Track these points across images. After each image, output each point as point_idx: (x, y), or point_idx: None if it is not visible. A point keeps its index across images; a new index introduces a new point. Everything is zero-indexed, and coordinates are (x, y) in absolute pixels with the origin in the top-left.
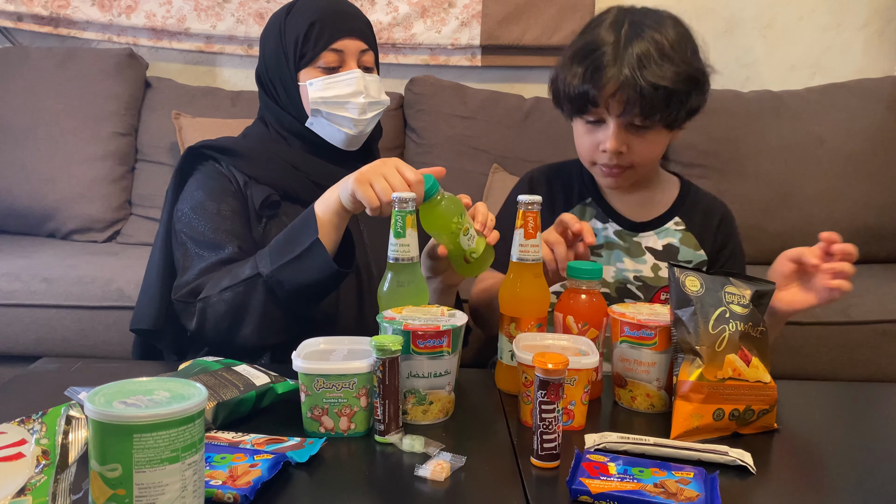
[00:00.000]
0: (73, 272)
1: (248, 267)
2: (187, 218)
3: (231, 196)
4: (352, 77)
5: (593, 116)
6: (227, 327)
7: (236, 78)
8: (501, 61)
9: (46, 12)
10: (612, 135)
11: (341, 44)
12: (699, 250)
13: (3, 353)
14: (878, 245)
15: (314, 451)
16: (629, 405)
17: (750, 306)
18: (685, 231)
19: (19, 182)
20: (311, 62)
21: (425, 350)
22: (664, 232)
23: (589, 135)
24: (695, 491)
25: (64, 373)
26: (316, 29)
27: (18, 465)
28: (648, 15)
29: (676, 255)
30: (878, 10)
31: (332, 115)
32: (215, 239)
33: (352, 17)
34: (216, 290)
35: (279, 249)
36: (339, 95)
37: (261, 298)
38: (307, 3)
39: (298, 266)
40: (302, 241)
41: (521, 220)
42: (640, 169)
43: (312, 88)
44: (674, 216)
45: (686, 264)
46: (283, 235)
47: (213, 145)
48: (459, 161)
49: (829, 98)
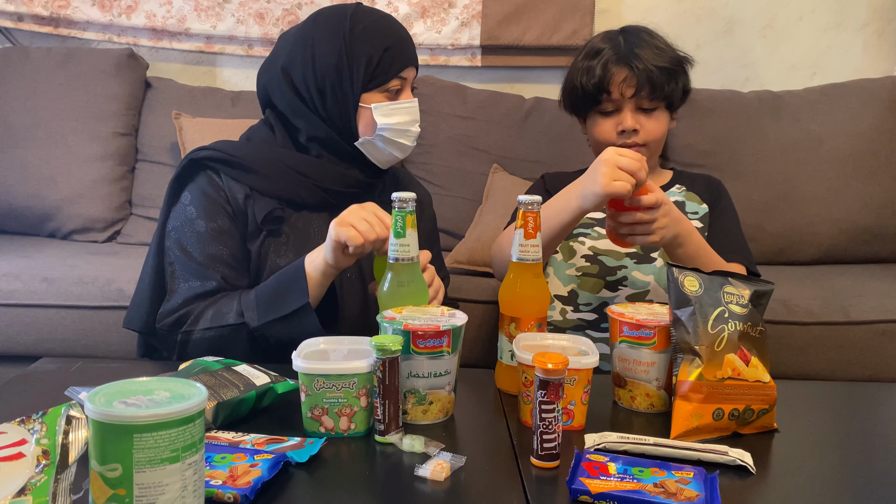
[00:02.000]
0: (73, 272)
1: (234, 312)
2: (177, 234)
3: (223, 214)
4: (412, 106)
5: (610, 106)
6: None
7: (236, 78)
8: (501, 61)
9: (47, 12)
10: (628, 115)
11: (407, 72)
12: (702, 204)
13: (3, 353)
14: (878, 245)
15: (314, 451)
16: (629, 405)
17: (749, 306)
18: (687, 191)
19: (19, 182)
20: (380, 86)
21: (425, 350)
22: (669, 194)
23: (606, 123)
24: (695, 491)
25: (64, 373)
26: (390, 54)
27: (19, 464)
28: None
29: (684, 209)
30: (878, 10)
31: (390, 140)
32: (202, 264)
33: (412, 45)
34: (198, 325)
35: (267, 304)
36: (400, 122)
37: (243, 344)
38: (376, 25)
39: (286, 325)
40: (291, 301)
41: (521, 220)
42: (650, 149)
43: (377, 113)
44: (675, 184)
45: (694, 215)
46: (272, 288)
47: (215, 157)
48: (459, 161)
49: (828, 98)
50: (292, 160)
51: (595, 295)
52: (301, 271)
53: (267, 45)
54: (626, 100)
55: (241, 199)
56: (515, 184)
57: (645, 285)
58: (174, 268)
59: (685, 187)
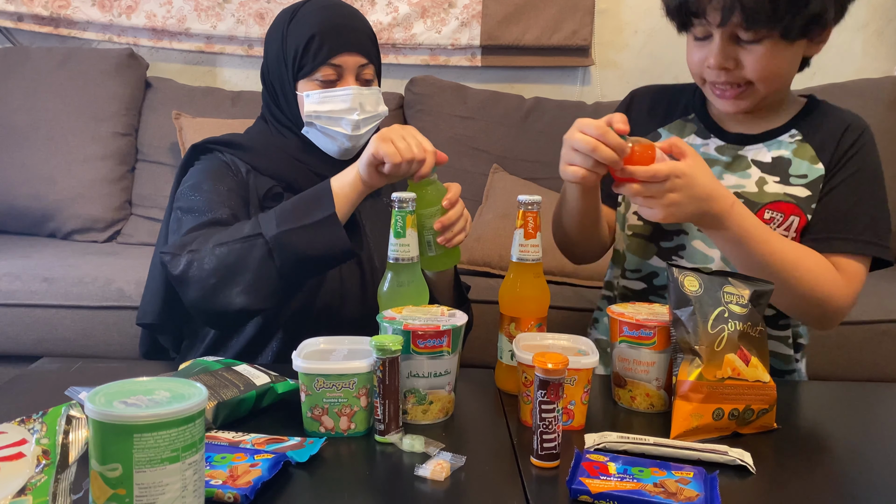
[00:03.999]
0: (73, 272)
1: (249, 226)
2: (184, 196)
3: (230, 179)
4: (347, 94)
5: (700, 31)
6: (213, 285)
7: (236, 78)
8: (501, 61)
9: (47, 12)
10: (716, 48)
11: (340, 59)
12: (816, 164)
13: (3, 353)
14: None
15: (314, 451)
16: (629, 405)
17: (749, 306)
18: (801, 142)
19: (19, 182)
20: (309, 75)
21: (425, 350)
22: (776, 144)
23: (697, 51)
24: (694, 491)
25: (64, 373)
26: (315, 43)
27: (19, 464)
28: None
29: (787, 168)
30: (878, 10)
31: (326, 129)
32: (210, 207)
33: (352, 32)
34: (209, 243)
35: (288, 214)
36: (333, 111)
37: (257, 259)
38: (310, 12)
39: (309, 235)
40: (316, 212)
41: (521, 220)
42: (762, 87)
43: (308, 101)
44: (790, 129)
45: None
46: (292, 203)
47: (216, 140)
48: (459, 161)
49: (829, 98)
50: (288, 147)
51: (645, 261)
52: (326, 185)
53: None
54: (717, 28)
55: (244, 172)
56: (515, 184)
57: (707, 260)
58: (178, 217)
59: (802, 135)
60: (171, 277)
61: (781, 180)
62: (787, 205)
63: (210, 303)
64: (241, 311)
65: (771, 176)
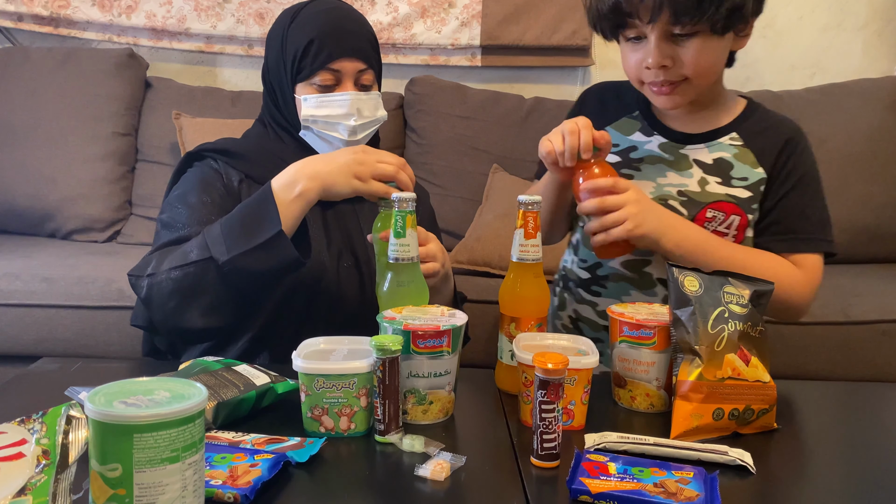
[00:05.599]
0: (73, 272)
1: (197, 247)
2: (170, 205)
3: (216, 191)
4: (344, 99)
5: (633, 32)
6: (172, 308)
7: (236, 78)
8: (501, 61)
9: (47, 12)
10: (653, 47)
11: (338, 64)
12: (757, 168)
13: (3, 353)
14: (878, 245)
15: (314, 451)
16: (629, 405)
17: (749, 306)
18: (742, 147)
19: (19, 182)
20: (307, 79)
21: (425, 350)
22: (717, 146)
23: (633, 53)
24: (695, 491)
25: (64, 373)
26: (314, 47)
27: (19, 464)
28: None
29: (729, 171)
30: (878, 11)
31: (322, 133)
32: (185, 224)
33: (352, 37)
34: (163, 265)
35: (236, 234)
36: (330, 116)
37: (212, 282)
38: (310, 15)
39: (259, 254)
40: (263, 230)
41: (521, 220)
42: (697, 83)
43: (306, 105)
44: (731, 132)
45: (740, 181)
46: (239, 218)
47: (211, 147)
48: (459, 161)
49: (829, 98)
50: (284, 152)
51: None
52: (270, 199)
53: None
54: (650, 27)
55: (236, 183)
56: (516, 184)
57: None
58: (157, 230)
59: (743, 141)
60: (139, 299)
61: (723, 182)
62: (728, 205)
63: (173, 323)
64: (204, 329)
65: (713, 177)
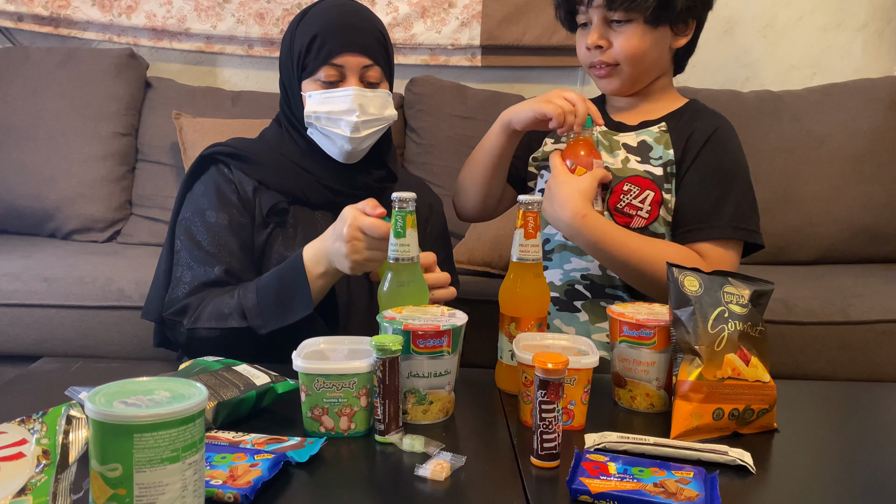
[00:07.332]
0: (73, 272)
1: (237, 314)
2: (187, 223)
3: (233, 205)
4: (347, 94)
5: (582, 18)
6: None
7: (237, 78)
8: (501, 61)
9: (47, 12)
10: (592, 28)
11: (342, 59)
12: (669, 149)
13: (3, 353)
14: (878, 245)
15: (314, 451)
16: (629, 405)
17: (749, 306)
18: (664, 132)
19: (19, 182)
20: (312, 75)
21: (425, 350)
22: (645, 132)
23: (581, 39)
24: (695, 491)
25: (64, 373)
26: (317, 43)
27: (19, 464)
28: None
29: (648, 152)
30: (878, 10)
31: (325, 130)
32: (209, 253)
33: (357, 32)
34: (204, 323)
35: (272, 311)
36: (332, 111)
37: (251, 343)
38: (317, 12)
39: (293, 328)
40: (295, 310)
41: (521, 220)
42: (627, 68)
43: (310, 101)
44: (661, 122)
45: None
46: (274, 291)
47: (225, 152)
48: (460, 161)
49: (828, 98)
50: (299, 158)
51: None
52: (303, 280)
53: (267, 45)
54: (592, 9)
55: (250, 191)
56: None
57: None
58: (180, 255)
59: (667, 128)
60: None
61: (642, 160)
62: (644, 180)
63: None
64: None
65: (634, 156)
